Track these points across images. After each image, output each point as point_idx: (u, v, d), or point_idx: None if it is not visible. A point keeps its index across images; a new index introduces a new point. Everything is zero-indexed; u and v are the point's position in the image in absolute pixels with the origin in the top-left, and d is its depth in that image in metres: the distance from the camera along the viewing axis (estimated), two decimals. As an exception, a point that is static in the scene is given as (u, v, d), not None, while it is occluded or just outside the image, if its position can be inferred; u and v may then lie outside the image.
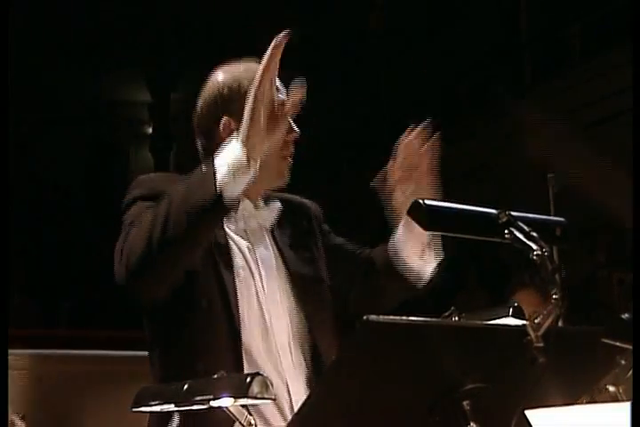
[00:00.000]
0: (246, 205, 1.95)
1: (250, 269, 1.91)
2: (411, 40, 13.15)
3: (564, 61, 11.00)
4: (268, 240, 1.99)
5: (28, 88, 12.31)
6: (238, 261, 1.90)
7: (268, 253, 1.97)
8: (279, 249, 2.00)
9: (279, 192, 2.06)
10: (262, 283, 1.91)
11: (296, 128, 1.95)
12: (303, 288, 1.97)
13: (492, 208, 1.44)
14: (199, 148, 2.01)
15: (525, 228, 1.39)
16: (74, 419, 2.28)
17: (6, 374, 1.62)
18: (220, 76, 2.00)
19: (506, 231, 1.40)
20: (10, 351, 1.68)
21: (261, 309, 1.89)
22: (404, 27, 13.17)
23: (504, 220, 1.40)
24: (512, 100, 11.55)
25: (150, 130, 15.80)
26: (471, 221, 1.46)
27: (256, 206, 1.97)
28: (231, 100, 1.93)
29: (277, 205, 2.01)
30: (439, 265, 2.06)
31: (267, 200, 2.01)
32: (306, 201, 2.15)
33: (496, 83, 12.11)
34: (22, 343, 2.22)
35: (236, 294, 1.85)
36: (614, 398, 1.53)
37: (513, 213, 1.42)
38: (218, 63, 2.03)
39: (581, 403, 1.53)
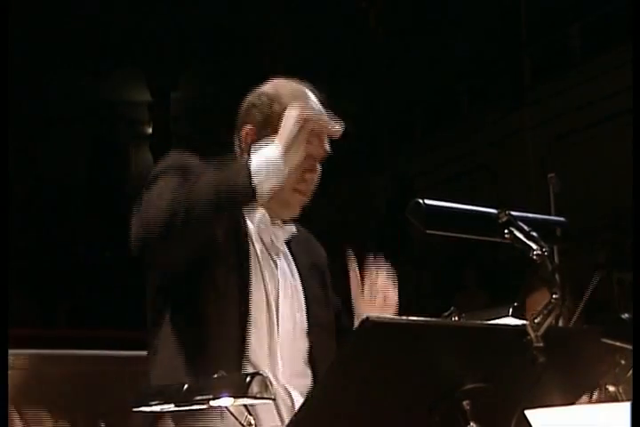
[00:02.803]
0: (264, 218, 1.95)
1: (262, 274, 1.91)
2: (410, 40, 13.14)
3: (564, 61, 11.00)
4: (282, 255, 2.00)
5: (28, 88, 12.31)
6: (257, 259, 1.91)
7: (285, 264, 1.99)
8: (296, 264, 2.02)
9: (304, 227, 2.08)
10: (277, 291, 1.92)
11: (318, 167, 1.96)
12: (313, 305, 1.99)
13: (492, 208, 1.44)
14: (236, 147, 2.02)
15: (525, 227, 1.39)
16: (73, 419, 2.28)
17: (6, 374, 1.62)
18: (264, 86, 2.01)
19: (506, 231, 1.39)
20: (10, 351, 1.68)
21: (269, 311, 1.89)
22: (403, 27, 13.16)
23: (504, 220, 1.40)
24: (512, 100, 11.56)
25: (150, 130, 15.81)
26: (471, 221, 1.46)
27: (272, 222, 1.97)
28: (260, 112, 1.94)
29: (293, 228, 2.00)
30: None
31: (284, 222, 2.01)
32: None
33: (496, 83, 12.12)
34: (22, 343, 2.22)
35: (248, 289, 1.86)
36: (614, 399, 1.53)
37: (513, 213, 1.42)
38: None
39: (581, 403, 1.52)
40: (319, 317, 1.99)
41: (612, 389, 1.53)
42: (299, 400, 1.84)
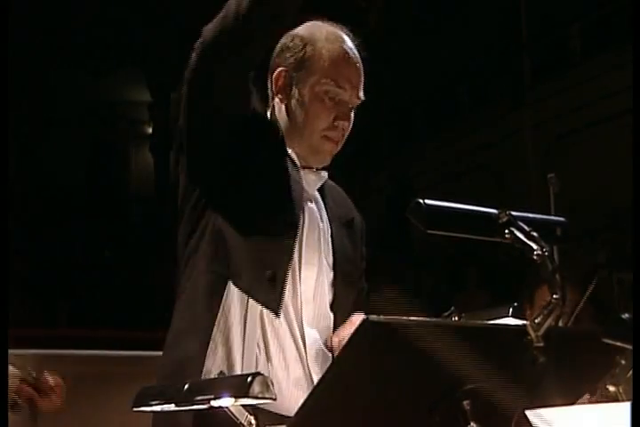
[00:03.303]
0: (295, 160, 1.91)
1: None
2: (410, 40, 13.14)
3: (564, 61, 11.01)
4: (314, 202, 1.96)
5: (29, 88, 12.31)
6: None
7: (315, 211, 1.94)
8: (328, 214, 1.97)
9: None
10: (302, 244, 1.87)
11: (351, 116, 1.93)
12: (340, 256, 1.96)
13: (492, 208, 1.44)
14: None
15: (526, 227, 1.39)
16: (73, 419, 2.28)
17: (6, 374, 1.62)
18: (298, 29, 1.97)
19: (506, 231, 1.39)
20: (10, 351, 1.68)
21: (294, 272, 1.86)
22: (403, 27, 13.16)
23: (504, 220, 1.40)
24: (512, 100, 11.55)
25: (150, 130, 15.82)
26: (471, 221, 1.46)
27: (304, 168, 1.92)
28: (293, 55, 1.90)
29: (325, 175, 1.95)
30: None
31: (317, 169, 1.97)
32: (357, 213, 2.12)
33: (496, 83, 12.11)
34: (22, 343, 2.22)
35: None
36: (614, 398, 1.53)
37: (513, 213, 1.42)
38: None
39: (581, 403, 1.53)
40: (344, 266, 1.96)
41: (612, 389, 1.53)
42: (313, 341, 1.86)
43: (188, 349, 1.79)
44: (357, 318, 1.86)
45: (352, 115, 1.94)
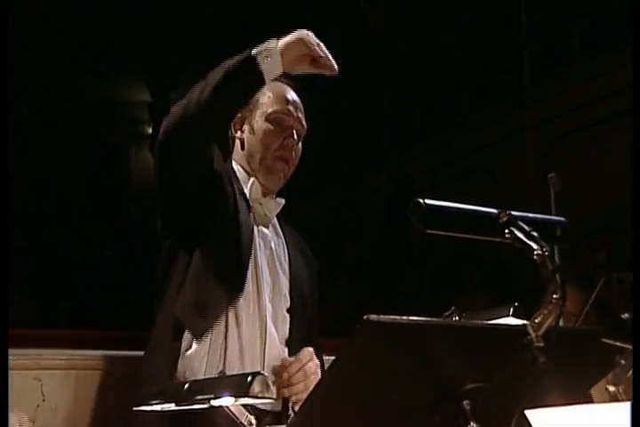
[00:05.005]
0: (256, 187, 2.11)
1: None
2: (410, 40, 13.15)
3: (564, 61, 11.01)
4: (273, 230, 2.13)
5: (29, 88, 12.31)
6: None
7: (272, 236, 2.11)
8: (286, 243, 2.15)
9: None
10: (259, 260, 2.03)
11: (295, 136, 2.14)
12: (296, 285, 2.11)
13: (492, 208, 1.45)
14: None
15: (526, 227, 1.38)
16: (73, 419, 2.28)
17: (6, 374, 1.63)
18: None
19: (506, 231, 1.39)
20: (10, 351, 1.68)
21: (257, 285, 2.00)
22: (404, 26, 13.17)
23: (504, 219, 1.40)
24: (512, 100, 11.56)
25: (150, 130, 15.83)
26: (471, 220, 1.45)
27: (264, 194, 2.12)
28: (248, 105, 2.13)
29: (282, 201, 2.14)
30: None
31: (274, 195, 2.16)
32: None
33: (496, 83, 12.12)
34: (22, 343, 2.22)
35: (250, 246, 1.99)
36: (614, 398, 1.53)
37: (513, 213, 1.42)
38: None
39: (581, 403, 1.53)
40: (301, 285, 2.13)
41: (611, 389, 1.54)
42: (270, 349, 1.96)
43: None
44: (305, 355, 1.97)
45: (300, 143, 2.16)
